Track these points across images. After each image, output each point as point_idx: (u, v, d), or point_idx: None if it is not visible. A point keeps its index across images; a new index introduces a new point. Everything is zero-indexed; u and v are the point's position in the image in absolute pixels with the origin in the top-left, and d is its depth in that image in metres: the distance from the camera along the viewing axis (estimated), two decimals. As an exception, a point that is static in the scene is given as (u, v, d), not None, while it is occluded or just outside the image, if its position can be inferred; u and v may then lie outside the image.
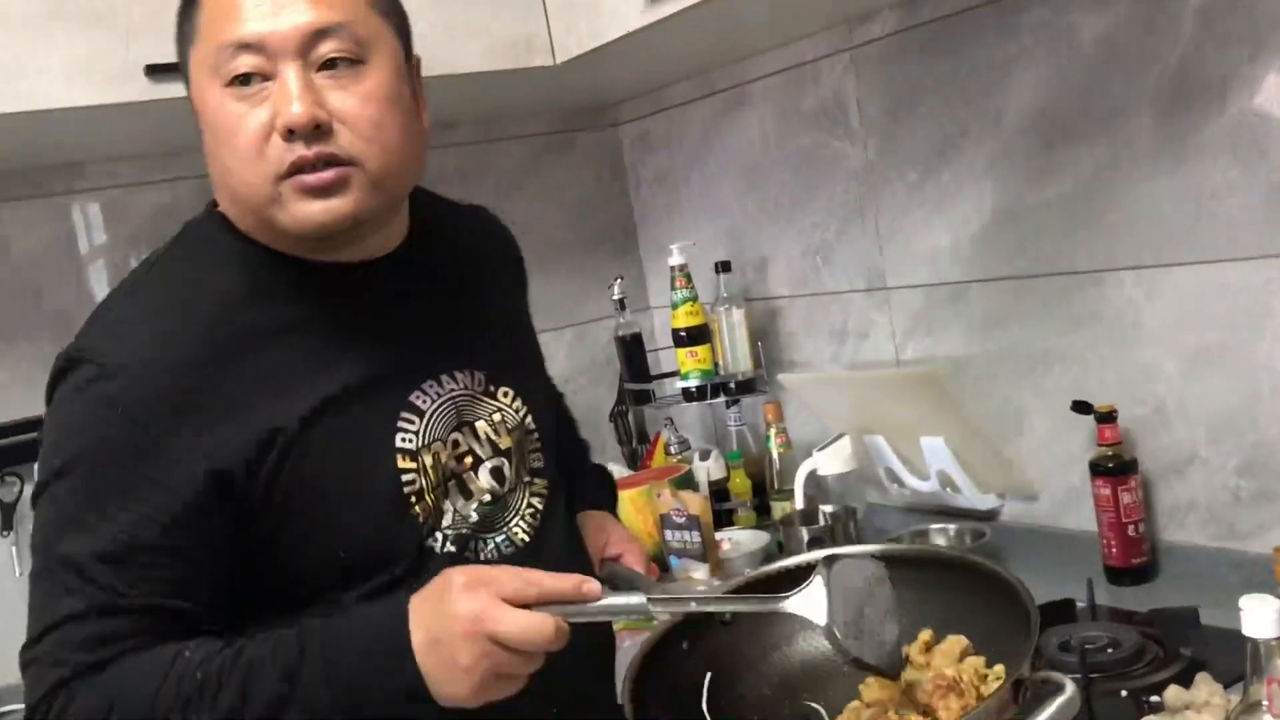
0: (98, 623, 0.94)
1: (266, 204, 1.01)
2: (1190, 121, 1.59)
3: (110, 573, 0.94)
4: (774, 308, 2.38)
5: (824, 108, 2.15)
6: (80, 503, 0.97)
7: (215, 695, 0.91)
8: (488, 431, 1.14)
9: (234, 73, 0.98)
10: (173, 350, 1.00)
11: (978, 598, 1.09)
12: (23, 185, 2.11)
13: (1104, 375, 1.78)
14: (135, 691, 0.92)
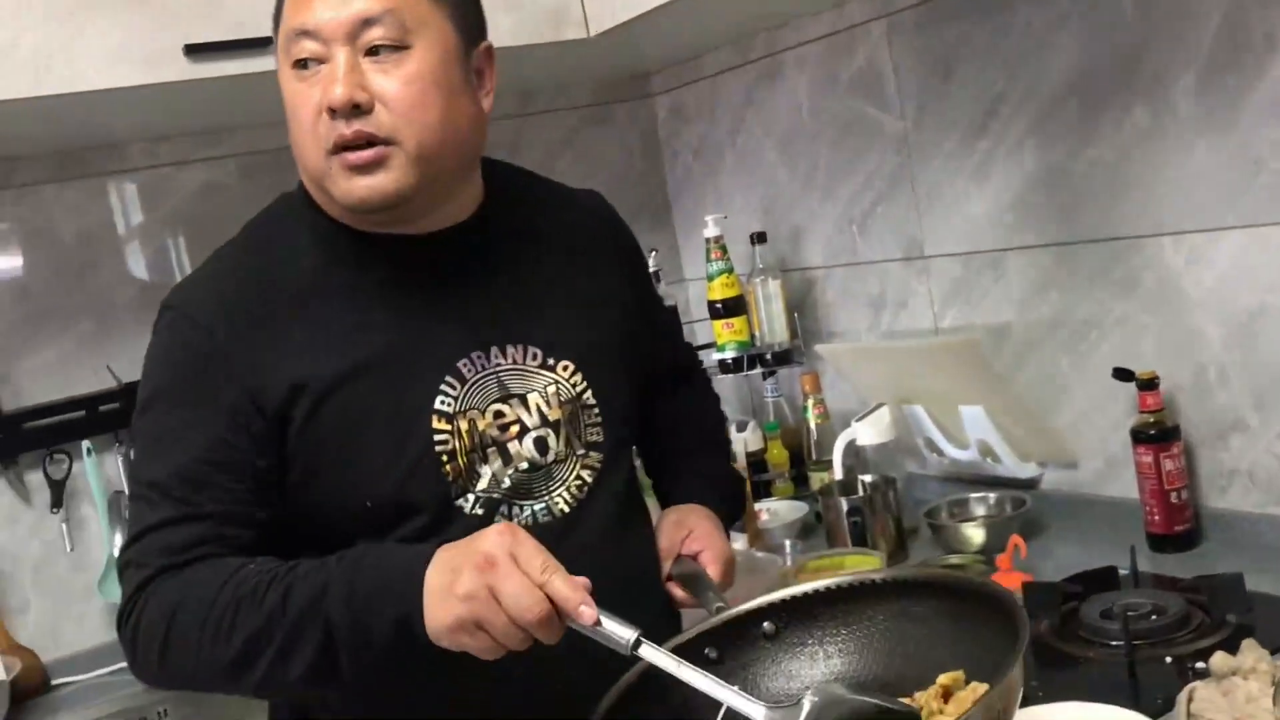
0: (174, 530, 1.06)
1: (322, 177, 1.11)
2: (1235, 83, 1.57)
3: (184, 488, 1.07)
4: (810, 278, 2.37)
5: (861, 76, 2.14)
6: (159, 433, 1.10)
7: (262, 599, 1.00)
8: (539, 403, 1.17)
9: (297, 56, 1.09)
10: (233, 301, 1.12)
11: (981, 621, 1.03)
12: (66, 167, 2.14)
13: (1145, 342, 1.77)
14: (200, 590, 1.03)
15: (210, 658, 1.01)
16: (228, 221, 2.26)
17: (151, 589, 1.05)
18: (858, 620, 1.12)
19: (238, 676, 1.02)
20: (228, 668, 1.01)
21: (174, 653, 1.03)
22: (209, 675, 1.04)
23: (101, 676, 2.10)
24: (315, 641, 0.99)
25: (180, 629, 1.02)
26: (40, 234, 2.12)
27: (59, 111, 1.75)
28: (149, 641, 1.04)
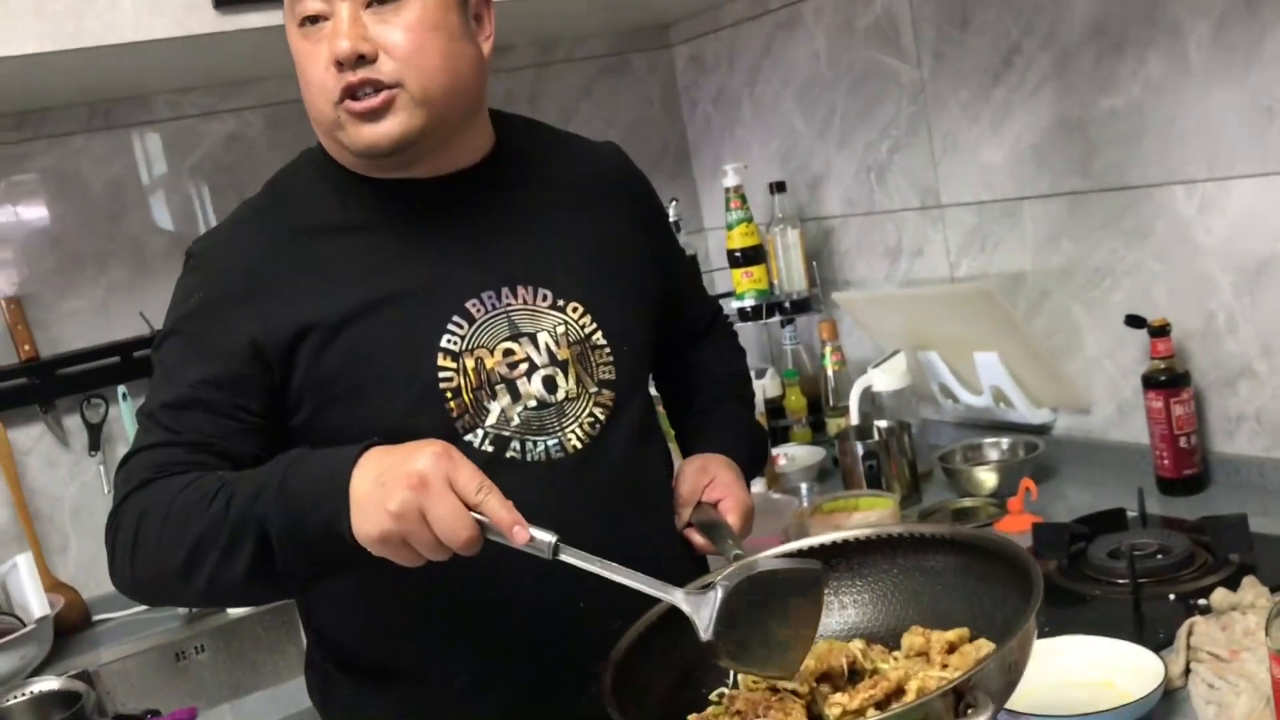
0: (156, 452, 1.12)
1: (332, 128, 1.15)
2: (1249, 33, 1.59)
3: (170, 417, 1.13)
4: (828, 227, 2.40)
5: (877, 26, 2.15)
6: (165, 369, 1.17)
7: (210, 503, 1.04)
8: (548, 342, 1.20)
9: (303, 14, 1.12)
10: (250, 251, 1.18)
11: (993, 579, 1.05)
12: (94, 118, 2.18)
13: (1157, 290, 1.80)
14: (163, 496, 1.07)
15: (167, 561, 1.05)
16: (253, 171, 2.33)
17: (127, 503, 1.10)
18: (873, 572, 1.14)
19: (189, 578, 1.05)
20: (179, 570, 1.05)
21: (140, 557, 1.07)
22: (167, 580, 1.07)
23: (139, 613, 2.16)
24: (252, 542, 1.01)
25: (144, 534, 1.07)
26: (70, 184, 2.17)
27: (90, 64, 1.78)
28: (123, 548, 1.09)
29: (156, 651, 2.04)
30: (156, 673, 2.03)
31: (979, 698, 0.83)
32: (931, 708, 0.83)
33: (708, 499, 1.29)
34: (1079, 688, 1.25)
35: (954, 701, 0.83)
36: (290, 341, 1.14)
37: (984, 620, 1.02)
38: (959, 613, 1.05)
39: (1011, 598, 0.98)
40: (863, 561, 1.14)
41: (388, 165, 1.17)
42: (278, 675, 2.08)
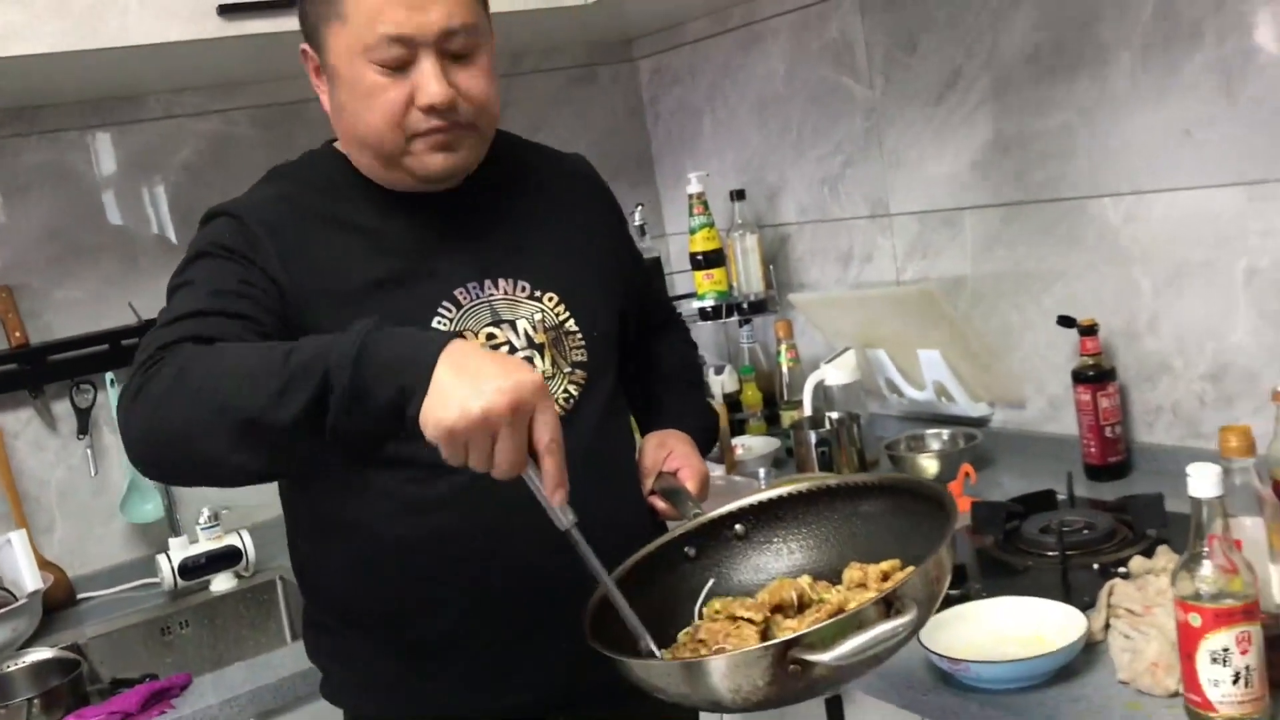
0: (204, 320, 1.16)
1: (398, 154, 1.27)
2: (1170, 59, 1.76)
3: (217, 297, 1.19)
4: (784, 233, 2.55)
5: (832, 47, 2.31)
6: (201, 276, 1.22)
7: (269, 349, 1.06)
8: (527, 329, 1.35)
9: (386, 60, 1.22)
10: (271, 212, 1.29)
11: (919, 516, 1.18)
12: (89, 115, 2.27)
13: (1086, 293, 1.97)
14: (217, 351, 1.10)
15: (204, 400, 1.04)
16: (240, 169, 2.43)
17: (172, 349, 1.11)
18: (816, 520, 1.30)
19: (221, 415, 1.03)
20: (216, 407, 1.03)
21: (177, 394, 1.06)
22: (200, 415, 1.04)
23: (123, 592, 2.26)
24: (312, 389, 1.01)
25: (192, 372, 1.07)
26: (66, 178, 2.26)
27: (98, 64, 1.88)
28: (156, 385, 1.07)
29: (143, 627, 2.14)
30: (143, 646, 2.13)
31: (906, 603, 0.98)
32: (866, 614, 0.98)
33: (668, 469, 1.43)
34: (1012, 641, 1.41)
35: (885, 608, 0.98)
36: (306, 300, 1.24)
37: (913, 553, 1.15)
38: (891, 549, 1.19)
39: (934, 530, 1.12)
40: (806, 511, 1.30)
41: (422, 183, 1.31)
42: (258, 648, 2.18)
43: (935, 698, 1.38)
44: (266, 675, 1.76)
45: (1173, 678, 1.25)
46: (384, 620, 1.33)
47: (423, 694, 1.33)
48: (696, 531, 1.31)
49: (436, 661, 1.32)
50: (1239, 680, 1.14)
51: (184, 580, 2.16)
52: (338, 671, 1.41)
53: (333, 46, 1.25)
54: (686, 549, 1.29)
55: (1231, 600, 1.14)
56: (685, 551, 1.29)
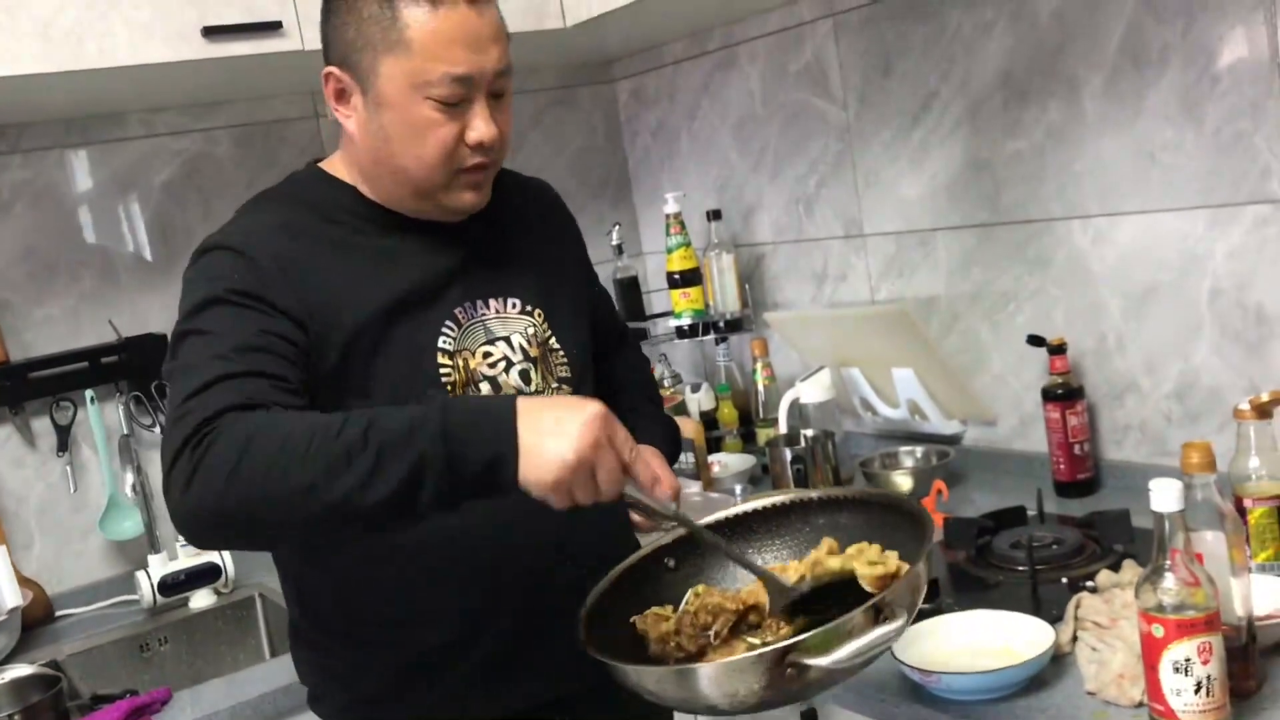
0: (241, 382, 1.13)
1: (436, 187, 1.30)
2: (1136, 86, 1.81)
3: (245, 356, 1.16)
4: (760, 253, 2.59)
5: (808, 70, 2.35)
6: (220, 328, 1.19)
7: (341, 430, 1.06)
8: (521, 343, 1.39)
9: (445, 98, 1.25)
10: (275, 240, 1.27)
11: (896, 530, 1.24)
12: (70, 134, 2.28)
13: (1056, 313, 2.01)
14: (278, 421, 1.09)
15: (286, 479, 1.04)
16: (219, 188, 2.45)
17: (221, 422, 1.08)
18: (790, 532, 1.33)
19: (311, 497, 1.04)
20: (305, 489, 1.04)
21: (244, 475, 1.05)
22: (278, 497, 1.05)
23: (102, 609, 2.26)
24: (403, 470, 1.04)
25: (256, 451, 1.05)
26: (45, 195, 2.27)
27: (77, 83, 1.89)
28: (217, 464, 1.05)
29: (123, 643, 2.14)
30: (122, 663, 2.13)
31: (895, 610, 1.03)
32: (856, 621, 1.02)
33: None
34: (983, 654, 1.43)
35: (874, 615, 1.03)
36: (326, 331, 1.24)
37: None
38: None
39: (912, 543, 1.17)
40: (780, 524, 1.34)
41: (434, 212, 1.35)
42: (237, 664, 2.19)
43: (907, 708, 1.41)
44: (247, 691, 1.77)
45: (1138, 688, 1.28)
46: (383, 630, 1.35)
47: (423, 702, 1.35)
48: (675, 543, 1.34)
49: (437, 669, 1.34)
50: (1201, 690, 1.17)
51: (163, 597, 2.17)
52: (332, 687, 1.42)
53: (388, 75, 1.25)
54: (667, 560, 1.33)
55: (1193, 612, 1.17)
56: (666, 563, 1.33)
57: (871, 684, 1.46)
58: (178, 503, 1.07)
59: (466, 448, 1.06)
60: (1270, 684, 1.27)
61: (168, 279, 2.38)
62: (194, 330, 1.19)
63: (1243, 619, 1.26)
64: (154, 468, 2.35)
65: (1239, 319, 1.76)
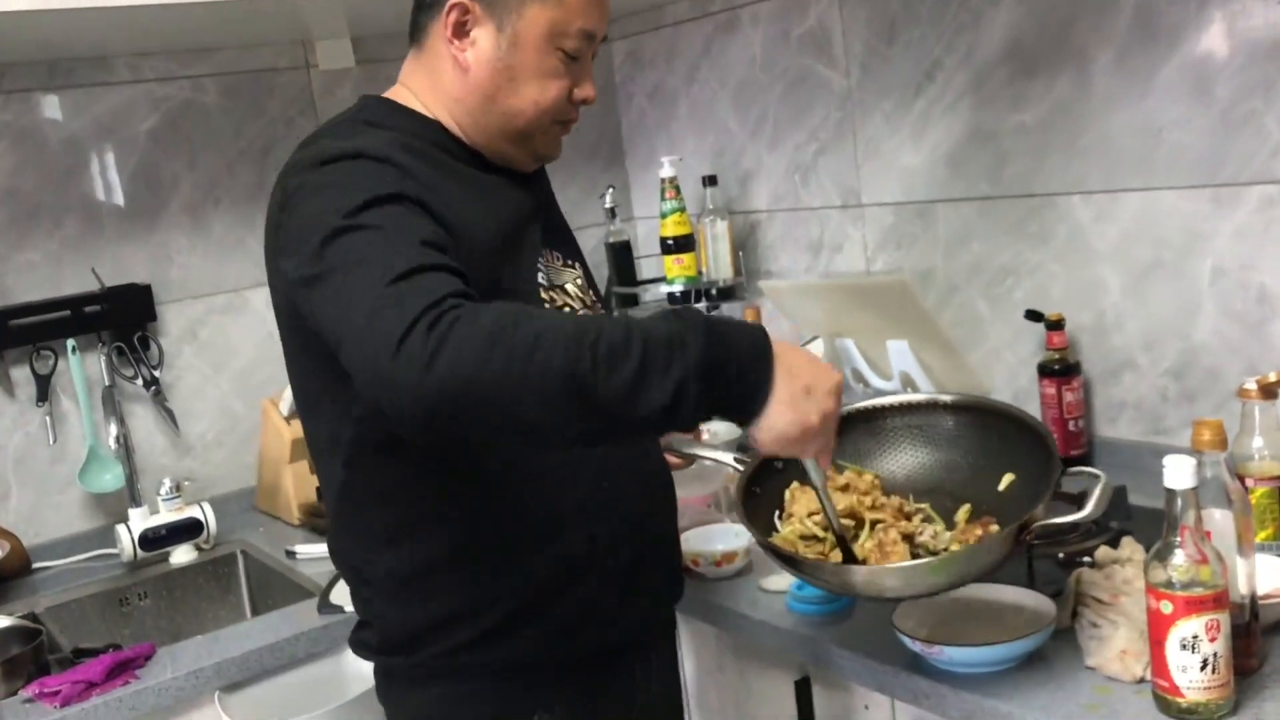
0: (453, 275, 1.07)
1: (535, 134, 1.34)
2: (1145, 62, 1.79)
3: (439, 255, 1.10)
4: (755, 220, 2.57)
5: (811, 35, 2.32)
6: (396, 224, 1.12)
7: (601, 327, 1.02)
8: (576, 291, 1.42)
9: (575, 51, 1.31)
10: (406, 156, 1.23)
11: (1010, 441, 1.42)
12: (54, 76, 2.23)
13: (1054, 288, 2.00)
14: (522, 311, 1.04)
15: (549, 364, 0.99)
16: (206, 136, 2.41)
17: (453, 304, 1.02)
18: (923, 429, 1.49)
19: (570, 388, 1.00)
20: (567, 377, 0.99)
21: (501, 354, 0.99)
22: (535, 382, 0.99)
23: (81, 561, 2.23)
24: (674, 379, 1.01)
25: (513, 332, 1.00)
26: (28, 138, 2.21)
27: (61, 23, 1.83)
28: (466, 342, 0.99)
29: (101, 597, 2.11)
30: (101, 617, 2.10)
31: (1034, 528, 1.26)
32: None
33: None
34: (982, 627, 1.43)
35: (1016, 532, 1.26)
36: (456, 238, 1.19)
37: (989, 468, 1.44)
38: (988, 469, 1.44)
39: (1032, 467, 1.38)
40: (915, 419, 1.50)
41: (516, 157, 1.37)
42: (218, 621, 2.17)
43: (906, 680, 1.40)
44: (232, 648, 1.75)
45: (1140, 664, 1.28)
46: (504, 564, 1.30)
47: (534, 636, 1.31)
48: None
49: (549, 604, 1.32)
50: (1207, 667, 1.17)
51: (144, 551, 2.14)
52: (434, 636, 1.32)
53: (532, 19, 1.28)
54: (775, 463, 1.45)
55: (1202, 589, 1.17)
56: (774, 465, 1.45)
57: (870, 654, 1.45)
58: (418, 382, 0.98)
59: (730, 370, 1.05)
60: (1271, 662, 1.28)
61: (151, 229, 2.34)
62: (360, 226, 1.10)
63: (1246, 597, 1.26)
64: (135, 420, 2.32)
65: (1240, 299, 1.76)
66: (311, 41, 2.46)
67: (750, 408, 1.07)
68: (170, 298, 2.36)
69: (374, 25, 2.40)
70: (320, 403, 1.30)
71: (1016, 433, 1.43)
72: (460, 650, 1.31)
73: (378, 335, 1.01)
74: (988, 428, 1.46)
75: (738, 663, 1.75)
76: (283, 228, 1.20)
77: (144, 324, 2.30)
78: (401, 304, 1.01)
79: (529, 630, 1.31)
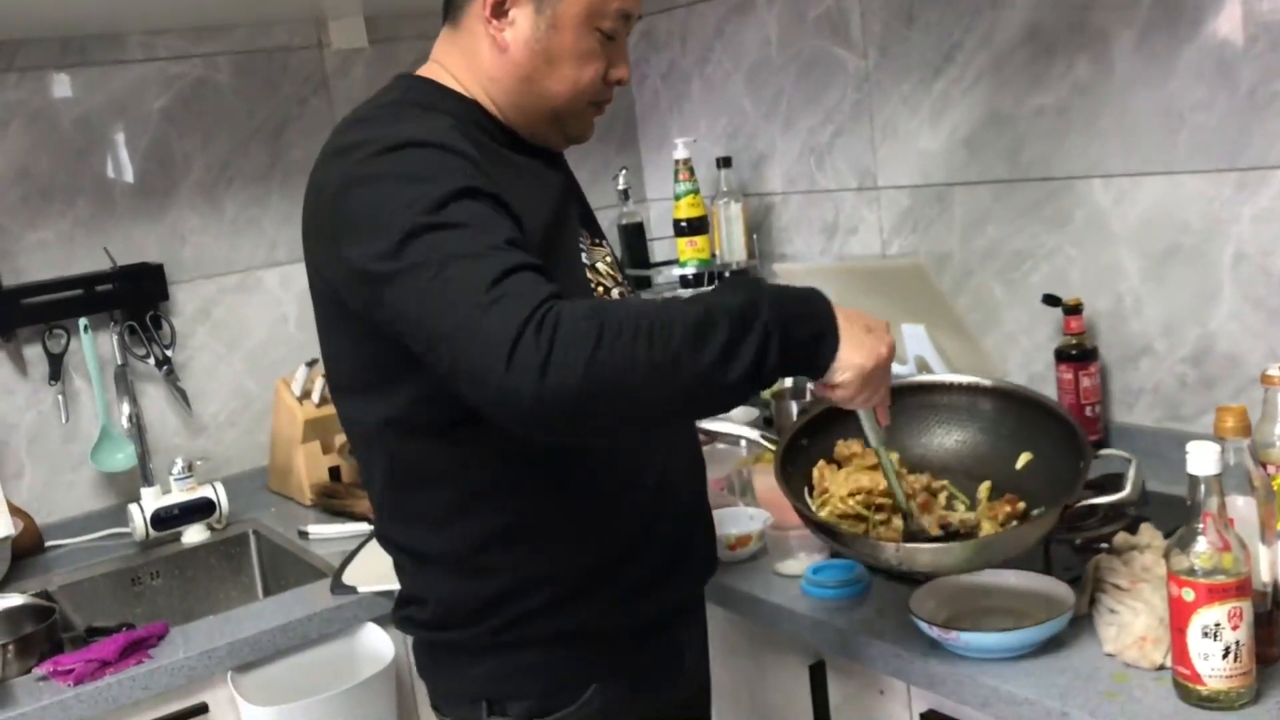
0: (541, 279, 1.08)
1: (571, 115, 1.34)
2: (1167, 43, 1.77)
3: (525, 254, 1.10)
4: (769, 203, 2.55)
5: (828, 16, 2.30)
6: (476, 222, 1.12)
7: (681, 309, 1.08)
8: (606, 269, 1.41)
9: (607, 30, 1.30)
10: (464, 143, 1.21)
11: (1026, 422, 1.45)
12: (67, 54, 2.22)
13: (1072, 272, 1.98)
14: (615, 305, 1.10)
15: (651, 353, 1.04)
16: (218, 116, 2.40)
17: (555, 304, 1.04)
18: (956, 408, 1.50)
19: (678, 369, 1.04)
20: (672, 361, 1.04)
21: (609, 352, 1.03)
22: (647, 371, 1.04)
23: (92, 540, 2.23)
24: (754, 344, 1.08)
25: (615, 328, 1.03)
26: (40, 117, 2.20)
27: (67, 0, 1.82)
28: (576, 344, 1.02)
29: (114, 575, 2.11)
30: (113, 596, 2.10)
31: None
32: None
33: None
34: (999, 612, 1.43)
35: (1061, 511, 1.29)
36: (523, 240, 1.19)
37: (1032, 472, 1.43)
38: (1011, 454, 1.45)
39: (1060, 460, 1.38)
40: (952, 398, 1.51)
41: (551, 138, 1.37)
42: (230, 601, 2.17)
43: (922, 665, 1.39)
44: (244, 629, 1.75)
45: (1160, 651, 1.27)
46: (579, 533, 1.31)
47: (599, 604, 1.32)
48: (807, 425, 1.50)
49: (613, 572, 1.32)
50: (1229, 655, 1.16)
51: (156, 531, 2.13)
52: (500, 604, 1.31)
53: (573, 0, 1.27)
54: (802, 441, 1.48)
55: (1224, 576, 1.16)
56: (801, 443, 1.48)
57: (886, 639, 1.44)
58: (536, 389, 1.01)
59: (797, 322, 1.12)
60: (1291, 651, 1.27)
61: (164, 208, 2.33)
62: (443, 224, 1.10)
63: (1268, 585, 1.25)
64: (147, 400, 2.31)
65: (1262, 285, 1.74)
66: (325, 20, 2.45)
67: (823, 356, 1.14)
68: (183, 277, 2.35)
69: (388, 4, 2.39)
70: (371, 387, 1.27)
71: (1034, 415, 1.44)
72: (518, 623, 1.30)
73: (486, 345, 1.02)
74: (1003, 409, 1.47)
75: (752, 647, 1.74)
76: (343, 213, 1.17)
77: (156, 303, 2.30)
78: (504, 311, 1.03)
79: (588, 602, 1.31)
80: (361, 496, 2.16)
